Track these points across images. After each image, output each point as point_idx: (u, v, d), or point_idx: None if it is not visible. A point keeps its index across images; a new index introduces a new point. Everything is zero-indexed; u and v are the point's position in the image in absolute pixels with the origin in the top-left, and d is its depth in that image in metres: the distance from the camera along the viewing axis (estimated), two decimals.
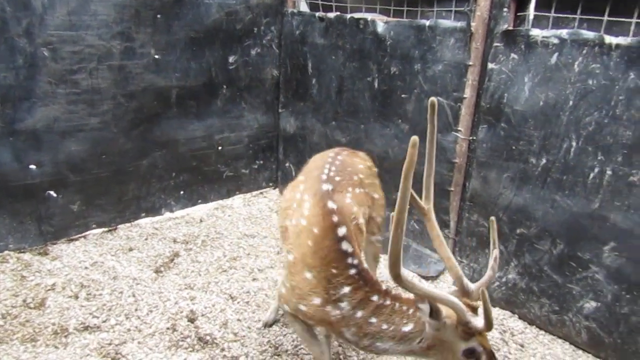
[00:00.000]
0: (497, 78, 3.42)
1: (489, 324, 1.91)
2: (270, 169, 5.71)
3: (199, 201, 5.17)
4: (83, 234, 4.39)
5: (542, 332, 3.52)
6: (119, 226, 4.61)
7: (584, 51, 2.98)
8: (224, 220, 4.97)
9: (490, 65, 3.45)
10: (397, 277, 1.84)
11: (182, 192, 5.00)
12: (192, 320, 3.41)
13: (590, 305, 3.22)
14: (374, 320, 2.15)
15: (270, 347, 3.21)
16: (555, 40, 3.10)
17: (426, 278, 4.12)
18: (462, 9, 3.70)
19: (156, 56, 4.39)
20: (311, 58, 4.92)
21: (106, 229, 4.53)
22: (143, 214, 4.77)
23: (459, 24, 3.60)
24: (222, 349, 3.17)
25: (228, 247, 4.43)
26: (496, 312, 3.69)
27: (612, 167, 2.97)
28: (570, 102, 3.09)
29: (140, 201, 4.72)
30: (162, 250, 4.28)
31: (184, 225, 4.79)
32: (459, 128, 3.74)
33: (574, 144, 3.11)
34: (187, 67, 4.64)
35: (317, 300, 2.19)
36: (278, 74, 5.35)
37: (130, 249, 4.25)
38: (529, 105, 3.29)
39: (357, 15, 4.39)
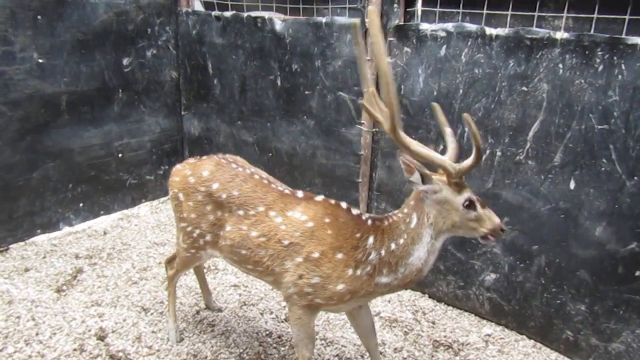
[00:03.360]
0: (393, 71, 3.57)
1: (478, 151, 2.07)
2: None
3: (101, 212, 4.88)
4: None
5: (450, 307, 3.75)
6: (11, 246, 4.23)
7: (469, 42, 3.21)
8: (131, 230, 4.74)
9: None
10: (394, 130, 2.14)
11: (81, 204, 4.69)
12: (101, 338, 3.21)
13: (490, 277, 3.48)
14: (393, 245, 2.30)
15: (188, 356, 3.12)
16: (443, 34, 3.30)
17: None
18: (356, 5, 3.83)
19: (40, 60, 4.08)
20: (211, 58, 4.83)
21: None
22: (38, 231, 4.42)
23: (354, 21, 3.70)
24: None
25: (137, 258, 4.23)
26: (408, 294, 3.88)
27: (501, 149, 3.23)
28: (461, 91, 3.31)
29: (34, 217, 4.36)
30: (63, 267, 3.99)
31: (86, 239, 4.50)
32: (362, 121, 3.87)
33: (466, 129, 3.34)
34: (77, 71, 4.36)
35: (350, 272, 2.31)
36: (177, 75, 5.19)
37: (26, 270, 3.92)
38: (424, 95, 3.48)
39: (254, 13, 4.37)
